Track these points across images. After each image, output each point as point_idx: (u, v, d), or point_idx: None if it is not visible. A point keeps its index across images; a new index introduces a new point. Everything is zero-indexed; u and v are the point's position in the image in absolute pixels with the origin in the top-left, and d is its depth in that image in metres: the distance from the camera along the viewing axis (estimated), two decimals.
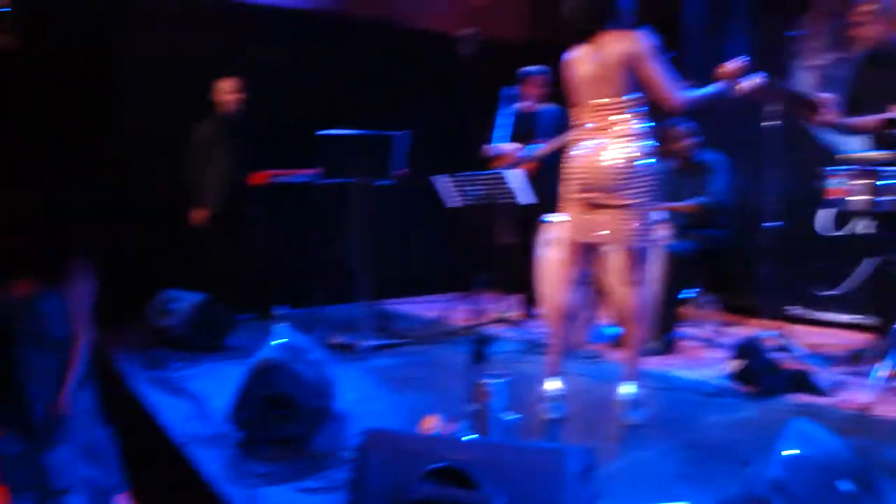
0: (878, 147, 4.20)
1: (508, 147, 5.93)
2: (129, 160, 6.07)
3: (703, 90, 3.57)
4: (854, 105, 4.54)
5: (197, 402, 3.86)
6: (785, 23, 4.61)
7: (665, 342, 4.98)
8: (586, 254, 3.70)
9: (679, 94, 3.37)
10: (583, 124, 3.53)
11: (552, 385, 3.58)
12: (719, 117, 5.85)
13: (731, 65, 3.69)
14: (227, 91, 6.12)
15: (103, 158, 5.99)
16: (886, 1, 4.29)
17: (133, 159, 6.08)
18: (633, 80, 3.39)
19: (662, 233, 4.95)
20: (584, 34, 3.47)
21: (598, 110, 3.47)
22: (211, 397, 3.87)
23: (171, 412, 3.72)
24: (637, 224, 3.45)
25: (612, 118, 3.43)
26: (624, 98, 3.42)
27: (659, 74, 3.34)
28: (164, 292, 5.33)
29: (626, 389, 3.49)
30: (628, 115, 3.43)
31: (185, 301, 5.14)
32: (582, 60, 3.50)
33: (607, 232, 3.50)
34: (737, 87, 3.70)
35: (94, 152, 5.96)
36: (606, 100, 3.43)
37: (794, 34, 4.57)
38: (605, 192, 3.44)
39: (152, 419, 3.72)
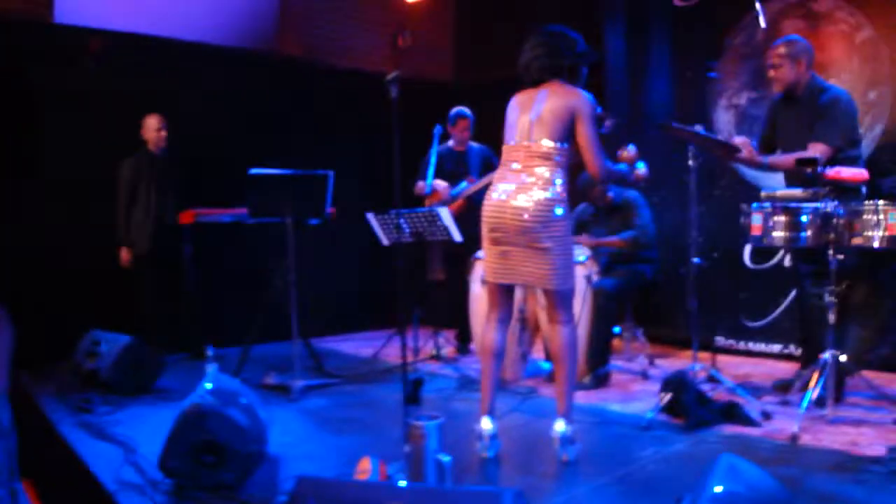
0: (796, 185, 4.35)
1: (439, 185, 5.98)
2: (53, 199, 5.94)
3: (616, 166, 3.94)
4: (770, 143, 4.72)
5: (126, 447, 3.75)
6: (704, 63, 4.77)
7: (598, 376, 5.03)
8: (508, 292, 3.74)
9: (601, 160, 3.53)
10: (509, 164, 3.59)
11: (485, 424, 3.58)
12: (648, 157, 5.99)
13: (630, 152, 4.32)
14: (153, 128, 6.04)
15: (26, 197, 5.86)
16: (800, 44, 4.47)
17: (57, 198, 5.95)
18: (566, 133, 3.50)
19: (587, 271, 5.03)
20: (536, 82, 3.60)
21: (525, 152, 3.54)
22: (140, 442, 3.77)
23: (100, 458, 3.60)
24: (553, 267, 3.49)
25: (535, 161, 3.51)
26: (553, 146, 3.50)
27: (591, 138, 3.50)
28: (92, 334, 5.20)
29: (560, 426, 3.51)
30: (550, 163, 3.50)
31: (113, 343, 5.02)
32: (524, 104, 3.60)
33: (525, 274, 3.56)
34: (635, 172, 4.20)
35: (16, 191, 5.82)
36: (538, 143, 3.51)
37: (712, 74, 4.73)
38: (516, 234, 3.49)
39: (81, 465, 3.60)
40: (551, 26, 3.65)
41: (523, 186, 3.49)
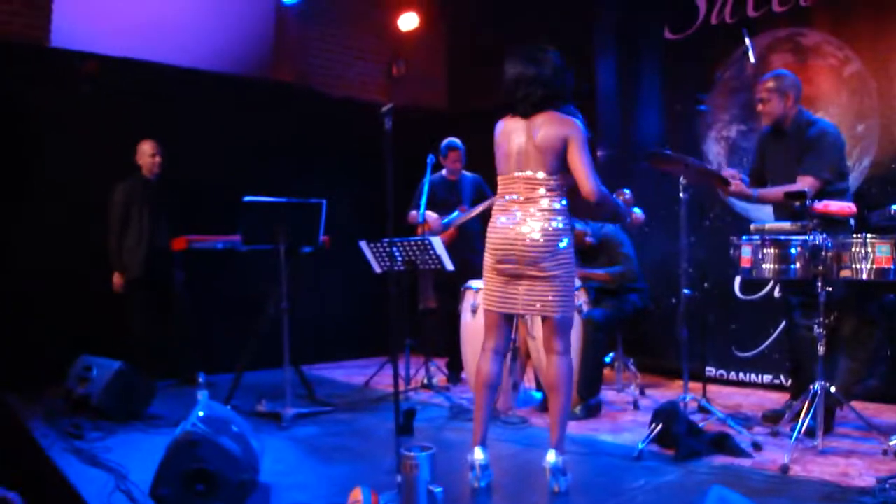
0: (785, 218, 4.41)
1: (430, 217, 6.02)
2: (45, 222, 5.95)
3: (613, 197, 3.92)
4: (760, 175, 4.78)
5: (117, 474, 3.73)
6: (694, 96, 4.84)
7: (589, 407, 5.04)
8: (507, 322, 3.75)
9: (595, 182, 3.52)
10: (508, 195, 3.61)
11: (477, 455, 3.58)
12: (638, 187, 6.05)
13: (626, 195, 4.72)
14: (147, 154, 6.07)
15: (18, 220, 5.87)
16: (788, 79, 4.54)
17: (50, 221, 5.97)
18: (561, 162, 3.54)
19: (577, 301, 5.04)
20: (526, 112, 3.59)
21: (525, 183, 3.56)
22: (131, 469, 3.75)
23: (91, 484, 3.58)
24: (558, 294, 3.55)
25: (537, 192, 3.54)
26: (551, 176, 3.54)
27: (584, 162, 3.50)
28: (83, 359, 5.18)
29: (552, 457, 3.51)
30: (551, 193, 3.55)
31: (105, 368, 5.00)
32: (517, 133, 3.59)
33: (528, 302, 3.58)
34: (632, 216, 4.50)
35: (8, 213, 5.83)
36: (535, 175, 3.54)
37: (702, 107, 4.79)
38: (524, 264, 3.53)
39: (72, 491, 3.58)
40: (535, 47, 3.61)
41: (530, 217, 3.52)
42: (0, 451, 4.70)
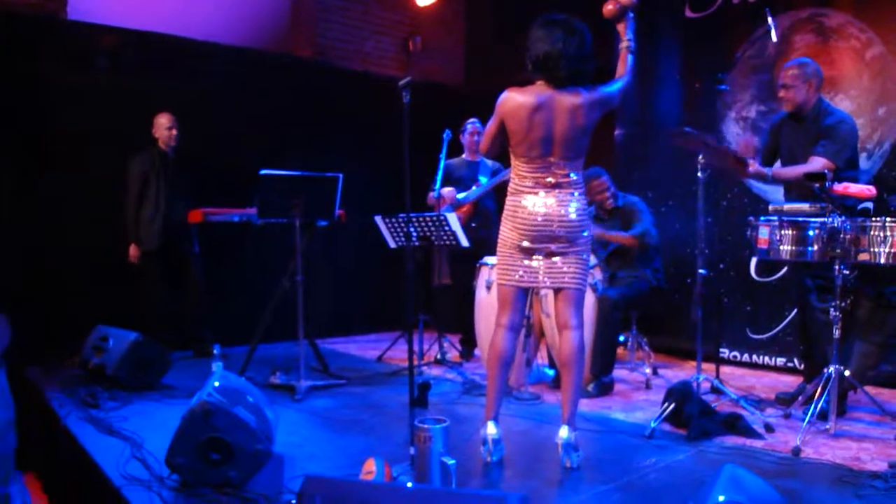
0: (794, 199, 4.39)
1: (445, 191, 6.01)
2: (62, 195, 5.98)
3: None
4: (771, 158, 4.77)
5: (133, 442, 3.78)
6: (714, 75, 4.81)
7: (602, 384, 5.05)
8: (523, 298, 3.75)
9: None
10: (542, 178, 3.57)
11: (490, 429, 3.60)
12: (656, 166, 6.02)
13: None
14: (163, 126, 6.08)
15: (35, 193, 5.90)
16: (811, 67, 4.51)
17: (66, 194, 5.99)
18: (585, 146, 3.60)
19: (592, 279, 5.05)
20: (561, 84, 3.51)
21: (559, 165, 3.55)
22: (147, 438, 3.79)
23: (107, 453, 3.62)
24: (578, 267, 3.60)
25: (565, 173, 3.56)
26: (580, 158, 3.61)
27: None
28: (100, 329, 5.23)
29: (564, 433, 3.53)
30: (579, 173, 3.60)
31: (121, 339, 5.04)
32: (546, 111, 3.50)
33: (550, 276, 3.60)
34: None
35: (25, 187, 5.87)
36: (569, 157, 3.55)
37: (722, 87, 4.76)
38: (559, 242, 3.56)
39: (88, 460, 3.63)
40: (573, 20, 3.54)
41: (564, 198, 3.55)
42: (20, 420, 4.78)
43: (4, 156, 5.80)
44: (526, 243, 3.58)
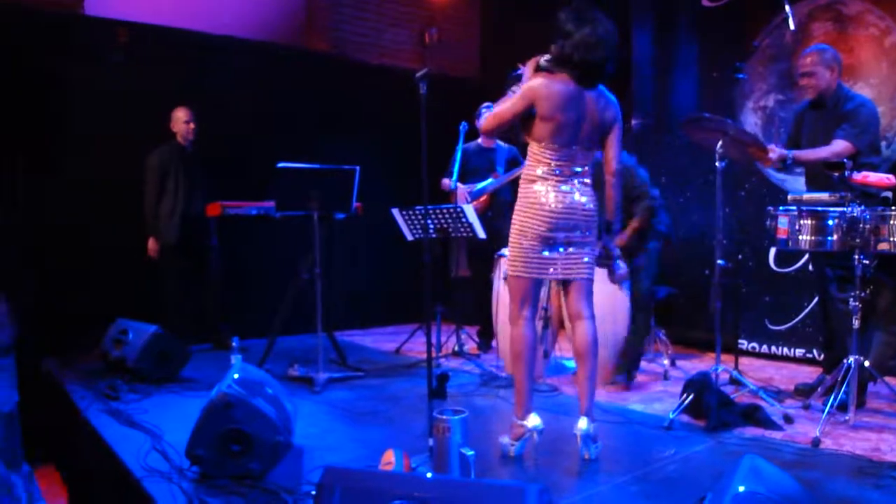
0: (815, 188, 4.37)
1: (460, 186, 6.01)
2: (81, 190, 6.02)
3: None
4: (795, 146, 4.74)
5: (153, 434, 3.81)
6: (731, 64, 4.78)
7: (632, 376, 5.08)
8: (539, 290, 3.74)
9: (618, 163, 3.68)
10: (562, 165, 3.56)
11: (536, 420, 3.58)
12: (673, 156, 5.99)
13: None
14: (181, 120, 6.11)
15: (55, 189, 5.94)
16: (831, 52, 4.48)
17: (86, 189, 6.03)
18: (598, 138, 3.65)
19: (621, 271, 5.03)
20: (592, 82, 3.54)
21: (581, 156, 3.59)
22: (167, 430, 3.82)
23: (127, 445, 3.66)
24: (590, 258, 3.66)
25: (585, 163, 3.61)
26: (595, 150, 3.66)
27: (618, 143, 3.67)
28: (119, 322, 5.28)
29: (583, 424, 3.52)
30: (591, 163, 3.64)
31: (140, 332, 5.08)
32: (574, 102, 3.50)
33: (566, 267, 3.61)
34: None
35: (45, 182, 5.91)
36: (591, 150, 3.63)
37: (740, 76, 4.73)
38: (575, 231, 3.58)
39: (109, 451, 3.66)
40: (602, 14, 3.50)
41: (583, 188, 3.61)
42: (39, 412, 4.83)
43: (25, 151, 5.84)
44: (550, 233, 3.56)
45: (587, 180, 3.62)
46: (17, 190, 5.81)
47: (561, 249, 3.59)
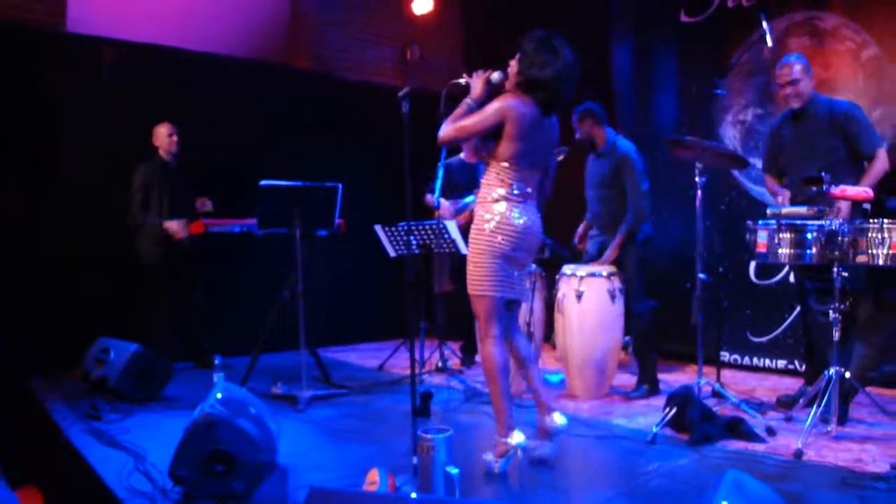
0: (799, 203, 4.40)
1: (444, 203, 6.03)
2: (65, 207, 5.99)
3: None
4: (774, 163, 4.79)
5: (135, 455, 3.78)
6: (710, 80, 4.83)
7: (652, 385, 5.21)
8: (505, 307, 3.71)
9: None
10: (524, 186, 3.61)
11: (519, 437, 3.56)
12: (654, 171, 6.02)
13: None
14: (164, 134, 6.09)
15: (38, 205, 5.91)
16: (805, 61, 4.54)
17: (69, 206, 6.00)
18: None
19: (611, 285, 5.07)
20: (551, 112, 3.66)
21: (536, 179, 3.69)
22: (149, 450, 3.80)
23: (109, 465, 3.63)
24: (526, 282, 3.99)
25: (534, 188, 3.69)
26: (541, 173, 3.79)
27: (554, 166, 3.98)
28: (101, 341, 5.25)
29: (560, 419, 3.71)
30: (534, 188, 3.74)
31: (122, 350, 5.05)
32: (539, 127, 3.60)
33: (520, 289, 3.73)
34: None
35: (28, 199, 5.88)
36: (541, 173, 3.75)
37: (719, 91, 4.78)
38: (528, 254, 3.70)
39: (90, 472, 3.63)
40: (568, 47, 3.56)
41: (535, 210, 3.70)
42: (20, 433, 4.78)
43: (8, 167, 5.81)
44: (513, 252, 3.59)
45: (534, 202, 3.71)
46: None
47: (517, 272, 3.66)
